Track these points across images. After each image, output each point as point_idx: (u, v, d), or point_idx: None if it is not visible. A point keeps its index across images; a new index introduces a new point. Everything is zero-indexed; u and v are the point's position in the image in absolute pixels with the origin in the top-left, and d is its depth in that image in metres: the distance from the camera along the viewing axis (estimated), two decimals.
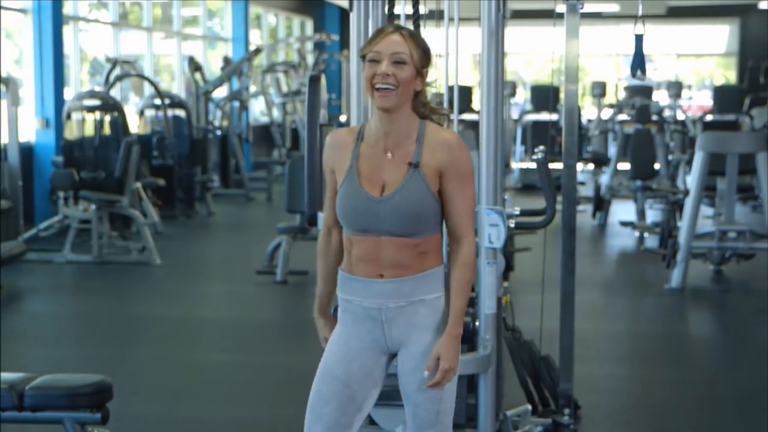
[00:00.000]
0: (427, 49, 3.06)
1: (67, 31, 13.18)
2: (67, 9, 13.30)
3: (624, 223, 12.07)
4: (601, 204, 12.73)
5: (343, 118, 17.87)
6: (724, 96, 15.79)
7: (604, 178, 13.65)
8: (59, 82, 12.44)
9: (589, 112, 20.07)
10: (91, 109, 11.62)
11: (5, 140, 10.26)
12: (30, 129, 12.26)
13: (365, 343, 3.13)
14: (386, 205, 3.00)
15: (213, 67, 18.44)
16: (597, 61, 25.20)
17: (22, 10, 12.33)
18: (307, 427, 3.15)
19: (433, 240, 3.07)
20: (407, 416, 3.16)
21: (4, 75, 10.22)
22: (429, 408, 3.08)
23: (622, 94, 18.78)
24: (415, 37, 3.03)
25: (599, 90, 18.32)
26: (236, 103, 16.39)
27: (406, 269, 3.04)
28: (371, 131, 3.08)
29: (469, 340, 4.32)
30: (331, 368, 3.14)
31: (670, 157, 13.33)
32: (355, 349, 3.13)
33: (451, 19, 4.82)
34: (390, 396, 3.71)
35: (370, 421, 4.30)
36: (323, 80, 5.00)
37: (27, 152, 11.85)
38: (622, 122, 14.52)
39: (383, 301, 3.06)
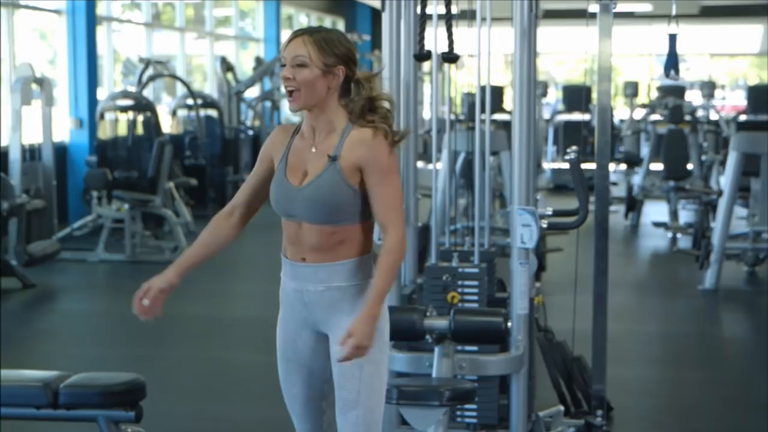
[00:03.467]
0: (337, 49, 3.14)
1: (101, 31, 13.26)
2: (101, 10, 13.38)
3: (657, 224, 12.00)
4: (633, 204, 12.67)
5: None
6: (758, 96, 15.62)
7: (637, 179, 13.58)
8: (93, 82, 12.52)
9: (621, 112, 19.97)
10: (124, 109, 11.67)
11: (40, 140, 10.33)
12: (64, 129, 12.34)
13: (299, 323, 3.27)
14: (302, 193, 3.16)
15: (245, 67, 18.49)
16: (629, 60, 25.08)
17: (56, 11, 12.42)
18: (289, 408, 3.37)
19: (352, 230, 3.17)
20: (335, 402, 3.22)
21: (38, 75, 10.28)
22: (350, 389, 3.17)
23: (654, 94, 18.66)
24: (319, 40, 3.13)
25: (631, 90, 18.23)
26: (268, 103, 16.42)
27: (324, 255, 3.18)
28: (304, 127, 3.25)
29: (501, 340, 4.32)
30: (282, 351, 3.32)
31: (703, 158, 13.24)
32: (293, 328, 3.28)
33: (483, 19, 4.82)
34: (422, 396, 3.71)
35: (402, 421, 4.31)
36: None
37: (61, 152, 11.93)
38: (654, 122, 14.43)
39: (304, 284, 3.21)
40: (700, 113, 16.18)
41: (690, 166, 12.55)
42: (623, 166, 15.84)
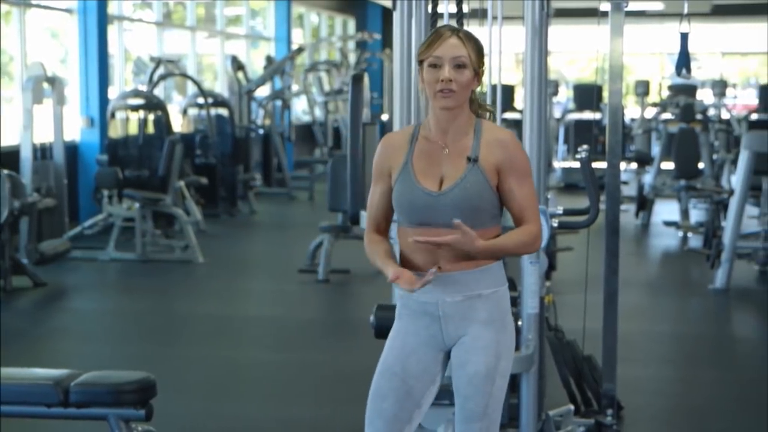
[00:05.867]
0: (481, 49, 3.13)
1: (112, 30, 13.28)
2: (112, 9, 13.40)
3: (668, 223, 11.98)
4: (644, 203, 12.64)
5: (384, 117, 17.87)
6: None
7: (648, 178, 13.56)
8: (104, 81, 12.53)
9: (632, 110, 19.93)
10: (135, 108, 11.69)
11: (51, 139, 10.35)
12: (75, 128, 12.36)
13: (422, 339, 3.15)
14: (446, 198, 3.06)
15: (256, 66, 18.49)
16: (640, 59, 25.03)
17: (68, 10, 12.44)
18: (368, 420, 3.20)
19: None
20: (456, 409, 3.16)
21: (49, 74, 10.30)
22: (477, 401, 3.09)
23: (665, 93, 18.63)
24: (471, 39, 3.10)
25: (643, 89, 18.18)
26: (279, 102, 16.43)
27: (464, 263, 3.07)
28: (428, 129, 3.15)
29: None
30: (389, 364, 3.18)
31: (714, 157, 13.21)
32: (411, 345, 3.16)
33: (494, 18, 4.81)
34: None
35: None
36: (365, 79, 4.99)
37: (72, 151, 11.95)
38: (665, 121, 14.39)
39: (440, 296, 3.09)
40: (711, 112, 16.14)
41: (701, 165, 12.52)
42: (634, 165, 15.82)
